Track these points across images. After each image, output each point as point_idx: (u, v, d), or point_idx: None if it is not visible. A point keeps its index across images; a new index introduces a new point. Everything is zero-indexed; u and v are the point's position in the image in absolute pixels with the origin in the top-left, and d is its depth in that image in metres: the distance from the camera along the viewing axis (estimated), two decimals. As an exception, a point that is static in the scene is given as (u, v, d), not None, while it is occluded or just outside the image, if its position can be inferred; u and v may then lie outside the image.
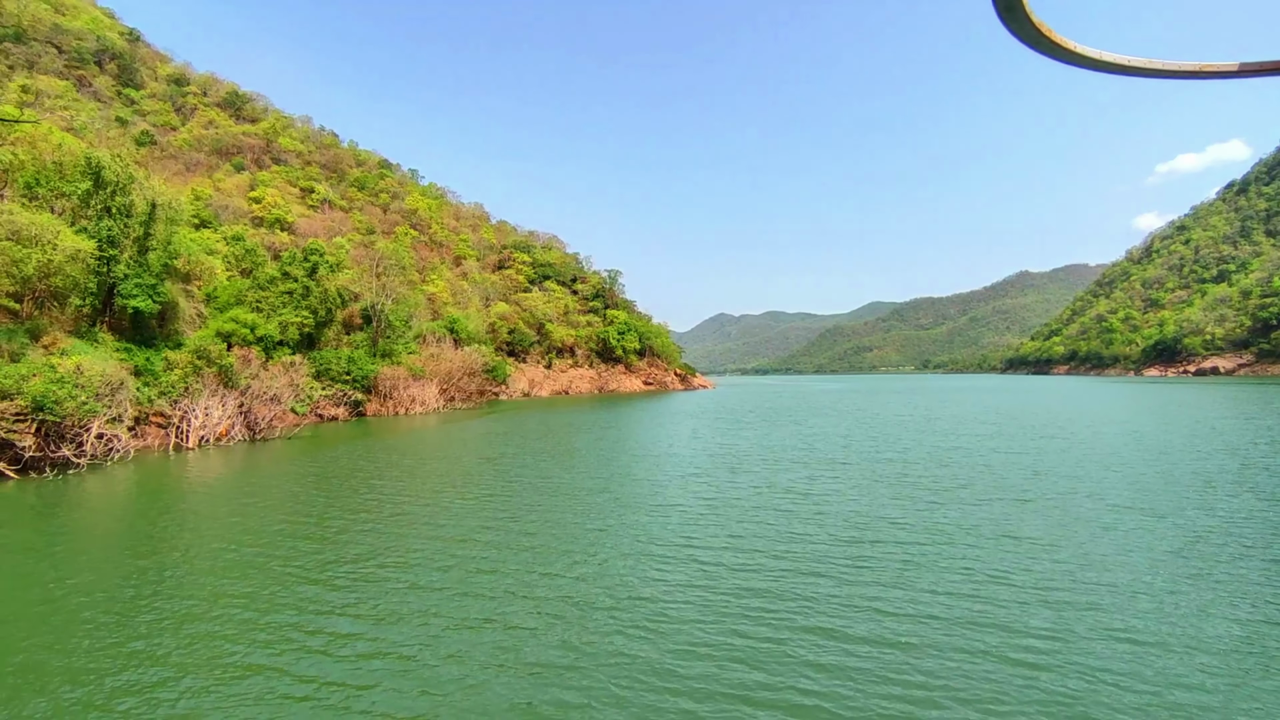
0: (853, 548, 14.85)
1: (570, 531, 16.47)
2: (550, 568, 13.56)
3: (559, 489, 21.81)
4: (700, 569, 13.50)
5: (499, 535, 16.08)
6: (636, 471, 25.40)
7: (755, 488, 21.91)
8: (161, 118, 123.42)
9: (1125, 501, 19.09)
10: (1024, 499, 19.67)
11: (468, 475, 24.67)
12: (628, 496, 20.67)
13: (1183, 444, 30.74)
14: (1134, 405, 59.68)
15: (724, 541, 15.46)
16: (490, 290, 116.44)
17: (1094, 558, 13.88)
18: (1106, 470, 24.14)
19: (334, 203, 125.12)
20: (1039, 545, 14.85)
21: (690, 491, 21.41)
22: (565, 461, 27.79)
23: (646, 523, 17.27)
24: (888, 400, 77.66)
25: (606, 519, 17.72)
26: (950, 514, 17.96)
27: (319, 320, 47.88)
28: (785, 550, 14.71)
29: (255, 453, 29.73)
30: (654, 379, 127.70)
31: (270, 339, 41.04)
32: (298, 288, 46.92)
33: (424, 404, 50.84)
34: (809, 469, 25.38)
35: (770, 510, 18.62)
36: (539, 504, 19.55)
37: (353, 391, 45.67)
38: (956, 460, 27.15)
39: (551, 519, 17.74)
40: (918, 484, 22.26)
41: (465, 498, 20.56)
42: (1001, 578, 12.73)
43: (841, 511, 18.35)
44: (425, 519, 17.81)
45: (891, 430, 40.02)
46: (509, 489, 21.80)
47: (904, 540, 15.39)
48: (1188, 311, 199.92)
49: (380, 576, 13.08)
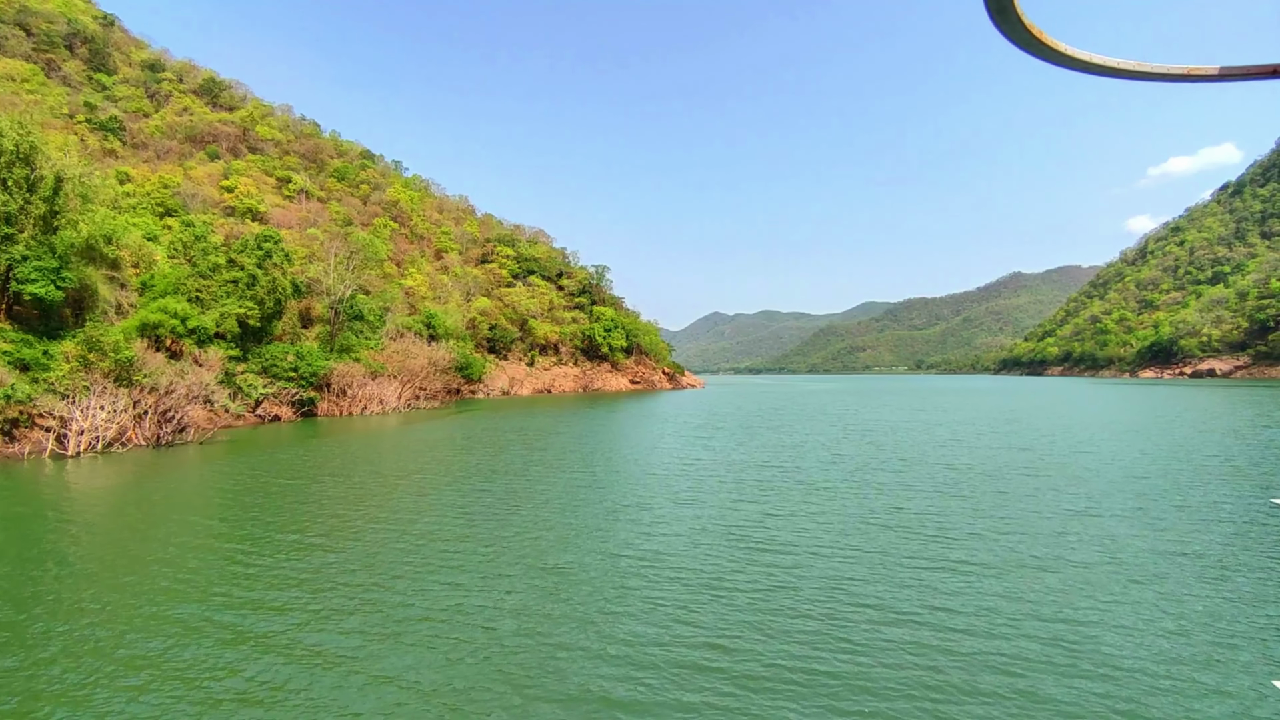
0: (814, 670, 9.02)
1: (399, 612, 10.93)
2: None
3: (434, 525, 16.75)
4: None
5: (337, 597, 12.55)
6: (556, 503, 19.53)
7: (695, 533, 16.07)
8: (134, 104, 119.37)
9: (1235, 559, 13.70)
10: (1069, 559, 13.78)
11: (360, 500, 20.60)
12: (517, 549, 14.66)
13: (1248, 459, 27.49)
14: (1150, 411, 56.54)
15: (593, 657, 9.36)
16: (472, 285, 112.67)
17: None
18: (1165, 502, 19.51)
19: (311, 193, 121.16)
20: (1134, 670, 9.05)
21: (607, 539, 15.59)
22: (476, 481, 22.89)
23: (507, 603, 11.36)
24: (881, 403, 74.38)
25: (460, 597, 11.66)
26: (976, 591, 11.90)
27: (266, 312, 44.15)
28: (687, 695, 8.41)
29: (151, 461, 26.04)
30: (641, 377, 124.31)
31: (204, 331, 37.34)
32: (243, 276, 43.21)
33: (382, 403, 47.24)
34: (779, 498, 20.33)
35: (700, 582, 12.51)
36: (402, 545, 14.97)
37: (299, 390, 41.93)
38: (966, 485, 21.94)
39: (397, 579, 12.59)
40: (920, 527, 16.50)
41: (335, 538, 16.97)
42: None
43: (810, 580, 12.65)
44: (276, 569, 14.29)
45: (885, 439, 35.22)
46: (389, 521, 18.07)
47: (906, 651, 9.58)
48: (1183, 313, 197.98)
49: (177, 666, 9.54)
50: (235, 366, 38.88)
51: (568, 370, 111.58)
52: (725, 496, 20.73)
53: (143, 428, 27.90)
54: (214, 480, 22.82)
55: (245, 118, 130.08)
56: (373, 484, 22.33)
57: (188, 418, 31.10)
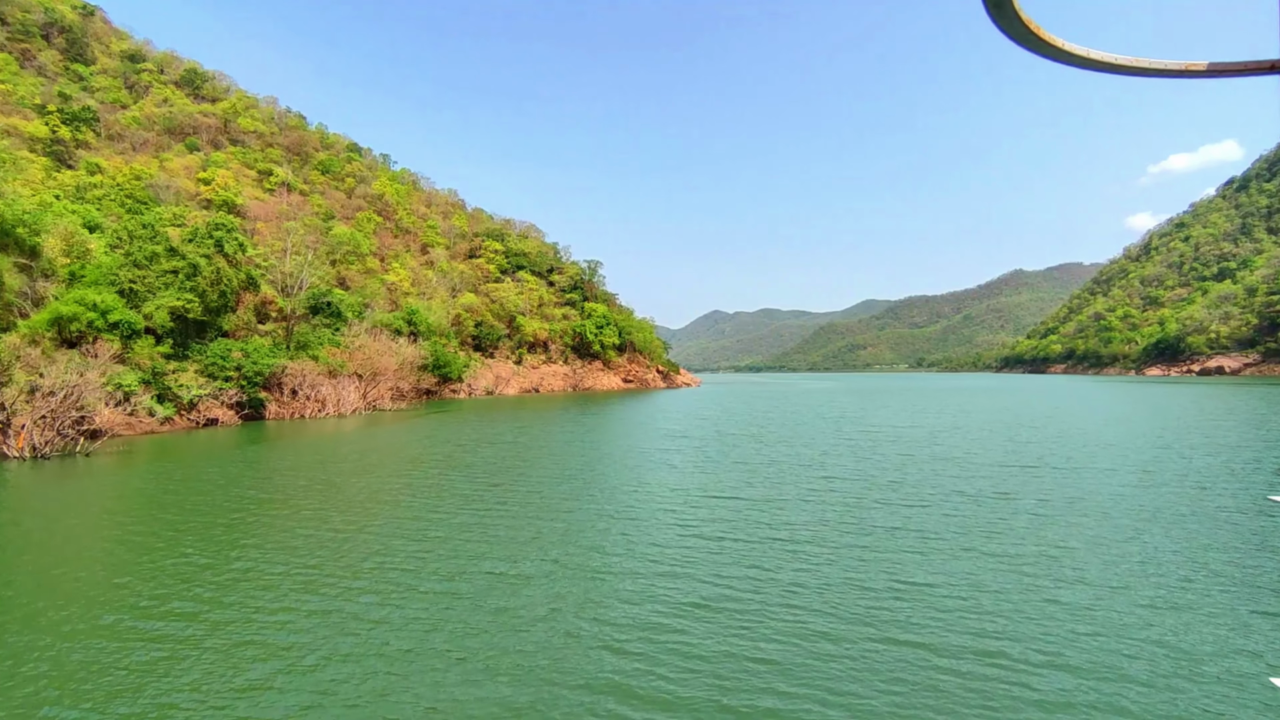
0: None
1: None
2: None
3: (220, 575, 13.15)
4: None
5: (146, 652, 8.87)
6: (395, 567, 13.09)
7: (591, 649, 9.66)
8: (111, 95, 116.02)
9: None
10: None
11: (222, 534, 16.31)
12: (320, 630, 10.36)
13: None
14: (1176, 413, 52.81)
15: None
16: (458, 280, 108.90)
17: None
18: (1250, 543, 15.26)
19: (294, 186, 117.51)
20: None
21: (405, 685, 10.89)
22: (311, 517, 17.33)
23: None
24: (881, 404, 70.40)
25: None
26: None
27: (210, 305, 40.42)
28: None
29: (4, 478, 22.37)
30: (634, 376, 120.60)
31: (129, 326, 33.61)
32: (184, 266, 39.47)
33: (340, 405, 43.50)
34: (734, 562, 13.39)
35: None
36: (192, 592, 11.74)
37: (239, 391, 38.10)
38: (982, 521, 16.24)
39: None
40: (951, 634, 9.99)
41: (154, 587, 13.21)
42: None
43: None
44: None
45: (887, 454, 28.85)
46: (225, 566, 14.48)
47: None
48: (1190, 309, 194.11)
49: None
50: (166, 365, 35.15)
51: (557, 369, 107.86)
52: (657, 563, 13.56)
53: (29, 434, 24.13)
54: (48, 505, 19.12)
55: (228, 109, 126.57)
56: (221, 525, 18.49)
57: (99, 423, 27.40)
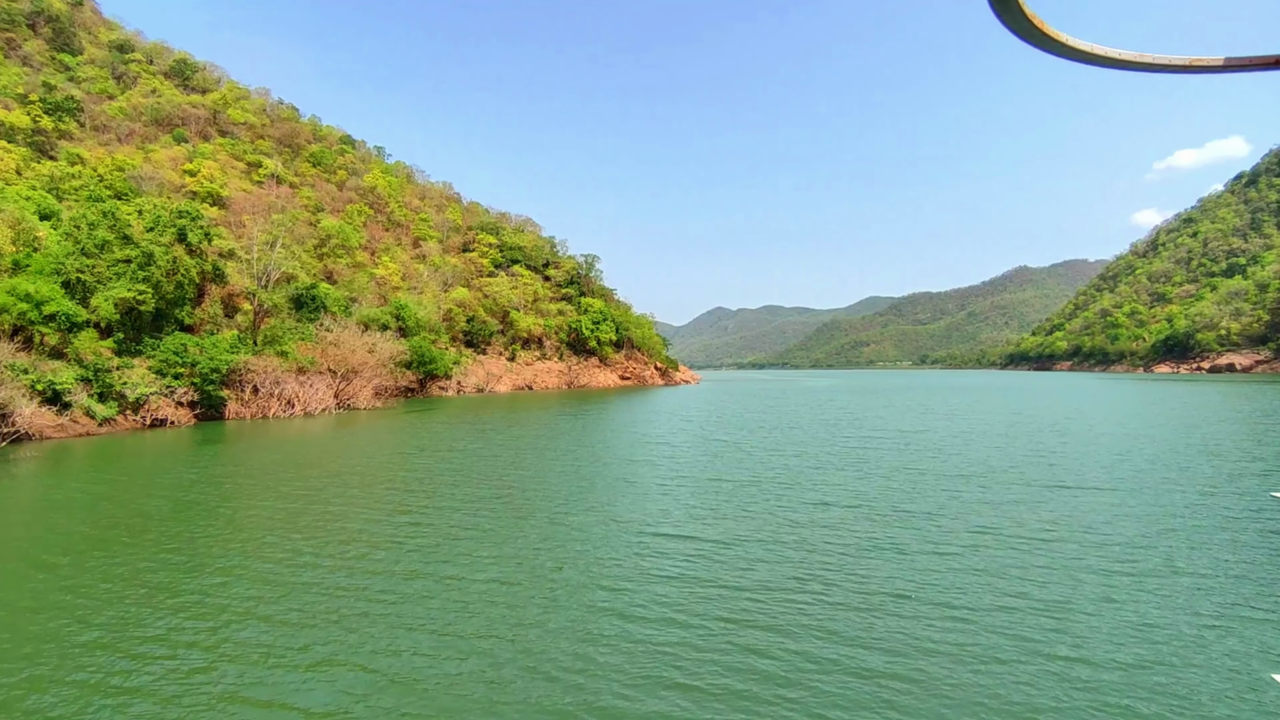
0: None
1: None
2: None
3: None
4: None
5: None
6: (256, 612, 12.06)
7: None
8: (98, 85, 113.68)
9: None
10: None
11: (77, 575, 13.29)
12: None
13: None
14: (1222, 417, 49.67)
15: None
16: (450, 274, 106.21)
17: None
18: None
19: (283, 178, 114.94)
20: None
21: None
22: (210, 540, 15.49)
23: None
24: (884, 404, 67.29)
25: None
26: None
27: (167, 297, 37.81)
28: None
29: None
30: (632, 373, 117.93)
31: (68, 318, 31.00)
32: (137, 255, 36.85)
33: (307, 404, 40.86)
34: (690, 632, 10.10)
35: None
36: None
37: (190, 389, 35.42)
38: (1017, 575, 12.16)
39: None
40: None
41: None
42: None
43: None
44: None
45: (889, 466, 24.34)
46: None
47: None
48: (1199, 306, 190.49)
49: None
50: (111, 361, 32.55)
51: (552, 365, 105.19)
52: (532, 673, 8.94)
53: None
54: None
55: (218, 101, 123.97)
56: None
57: (20, 424, 24.83)
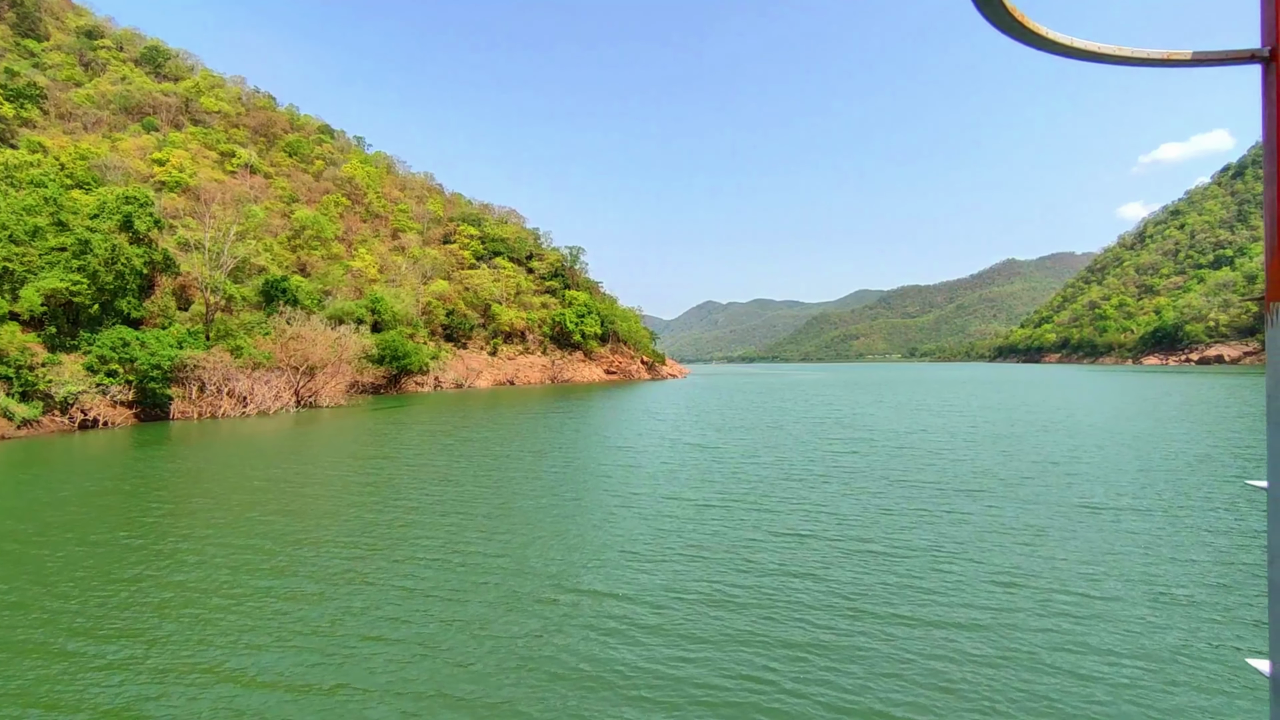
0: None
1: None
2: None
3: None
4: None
5: None
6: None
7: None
8: (65, 72, 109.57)
9: None
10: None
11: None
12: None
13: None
14: (1226, 410, 48.20)
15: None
16: (429, 266, 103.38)
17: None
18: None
19: (257, 168, 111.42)
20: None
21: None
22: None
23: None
24: (874, 398, 65.30)
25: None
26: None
27: (106, 288, 35.20)
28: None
29: None
30: (618, 367, 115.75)
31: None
32: (73, 244, 34.20)
33: (260, 402, 38.40)
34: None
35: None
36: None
37: (125, 387, 32.90)
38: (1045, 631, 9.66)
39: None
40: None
41: None
42: None
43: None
44: None
45: (878, 475, 21.36)
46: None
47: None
48: (1187, 297, 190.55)
49: None
50: (35, 356, 30.02)
51: (535, 360, 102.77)
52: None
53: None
54: None
55: (190, 88, 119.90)
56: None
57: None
